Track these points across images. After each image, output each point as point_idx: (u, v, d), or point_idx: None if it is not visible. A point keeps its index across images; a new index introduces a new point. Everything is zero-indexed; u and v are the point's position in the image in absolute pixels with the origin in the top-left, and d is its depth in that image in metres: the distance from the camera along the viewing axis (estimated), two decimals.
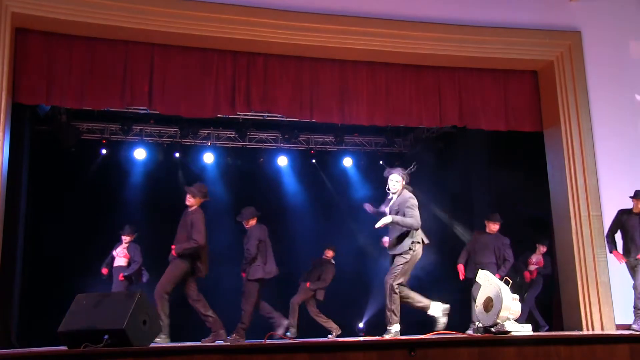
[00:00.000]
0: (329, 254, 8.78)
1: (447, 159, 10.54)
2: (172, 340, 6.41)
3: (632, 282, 6.90)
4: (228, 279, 8.39)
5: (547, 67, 8.23)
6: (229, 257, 8.29)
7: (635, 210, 6.95)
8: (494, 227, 7.72)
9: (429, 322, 7.02)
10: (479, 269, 6.57)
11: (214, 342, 6.45)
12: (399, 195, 6.03)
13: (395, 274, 5.84)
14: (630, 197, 7.05)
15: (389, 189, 6.10)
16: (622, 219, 6.98)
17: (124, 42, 7.31)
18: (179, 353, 4.15)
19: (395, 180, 6.05)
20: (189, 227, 6.61)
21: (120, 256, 8.24)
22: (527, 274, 8.60)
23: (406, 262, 5.85)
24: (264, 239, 7.23)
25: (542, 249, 8.70)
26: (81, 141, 9.80)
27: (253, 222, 7.29)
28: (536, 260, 8.68)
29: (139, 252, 8.31)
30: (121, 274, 8.15)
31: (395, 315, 5.83)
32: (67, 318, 4.64)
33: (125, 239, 8.30)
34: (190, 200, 6.76)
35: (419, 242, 5.92)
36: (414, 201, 5.95)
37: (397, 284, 5.82)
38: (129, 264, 8.24)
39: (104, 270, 8.25)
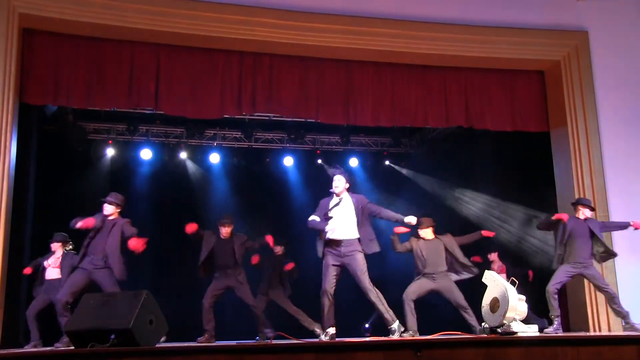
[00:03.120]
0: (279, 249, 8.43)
1: (453, 159, 10.53)
2: (178, 341, 6.43)
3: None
4: None
5: (554, 67, 8.21)
6: None
7: (578, 217, 6.71)
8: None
9: (436, 323, 7.03)
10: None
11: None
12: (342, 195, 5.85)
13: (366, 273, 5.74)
14: (572, 203, 6.92)
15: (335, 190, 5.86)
16: (570, 226, 6.65)
17: (130, 43, 7.33)
18: (185, 353, 4.15)
19: (339, 180, 5.86)
20: None
21: (54, 267, 7.32)
22: (530, 273, 8.55)
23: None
24: None
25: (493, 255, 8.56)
26: (88, 141, 9.83)
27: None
28: (498, 267, 8.54)
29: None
30: None
31: (389, 313, 5.77)
32: (74, 317, 4.66)
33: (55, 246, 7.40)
34: None
35: None
36: None
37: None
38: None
39: (28, 270, 7.35)
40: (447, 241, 6.87)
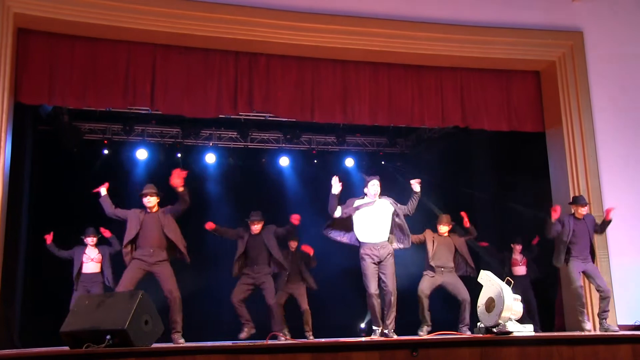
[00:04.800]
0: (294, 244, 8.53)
1: (449, 159, 10.54)
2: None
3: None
4: (228, 279, 8.37)
5: (549, 68, 8.23)
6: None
7: (577, 216, 6.84)
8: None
9: (431, 323, 7.05)
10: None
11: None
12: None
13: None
14: (570, 203, 6.99)
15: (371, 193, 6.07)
16: (571, 225, 6.76)
17: (126, 43, 7.32)
18: (180, 353, 4.15)
19: (377, 185, 6.09)
20: None
21: (96, 261, 7.63)
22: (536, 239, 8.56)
23: None
24: None
25: (518, 248, 8.62)
26: (83, 141, 9.80)
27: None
28: (521, 260, 8.58)
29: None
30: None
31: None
32: (69, 318, 4.65)
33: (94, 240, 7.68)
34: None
35: None
36: None
37: None
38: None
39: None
40: (459, 243, 7.33)
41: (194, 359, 4.10)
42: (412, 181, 6.13)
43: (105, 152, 9.91)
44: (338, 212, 5.98)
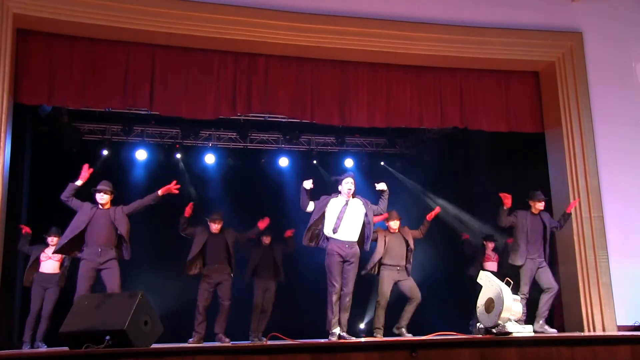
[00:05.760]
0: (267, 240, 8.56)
1: (448, 160, 10.54)
2: (174, 341, 6.42)
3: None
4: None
5: (549, 68, 8.23)
6: None
7: (534, 212, 6.89)
8: None
9: (430, 323, 7.05)
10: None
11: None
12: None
13: None
14: (526, 199, 7.02)
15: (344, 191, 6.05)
16: (523, 219, 6.83)
17: (125, 43, 7.31)
18: (180, 354, 4.15)
19: (352, 183, 6.07)
20: None
21: (55, 260, 7.46)
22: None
23: None
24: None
25: (490, 245, 8.64)
26: (83, 142, 9.80)
27: None
28: (493, 256, 8.59)
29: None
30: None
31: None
32: (69, 319, 4.65)
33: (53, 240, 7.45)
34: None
35: None
36: None
37: None
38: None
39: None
40: (406, 233, 7.26)
41: (194, 359, 4.10)
42: (377, 184, 6.17)
43: (105, 152, 9.91)
44: (310, 207, 6.04)
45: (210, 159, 10.36)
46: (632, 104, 8.12)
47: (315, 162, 10.85)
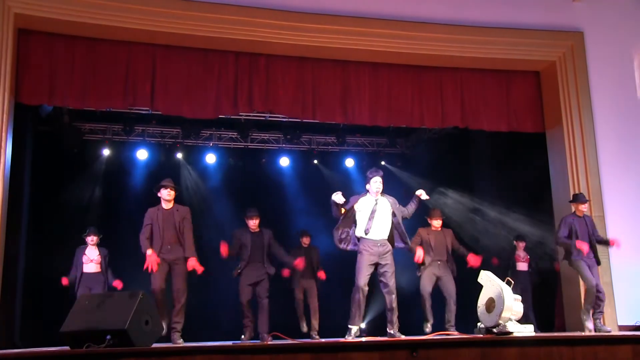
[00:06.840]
0: (307, 240, 8.65)
1: (449, 159, 10.53)
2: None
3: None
4: (227, 279, 8.37)
5: (550, 68, 8.23)
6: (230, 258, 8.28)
7: (578, 214, 6.90)
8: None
9: (432, 323, 7.06)
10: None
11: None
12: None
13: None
14: (570, 201, 7.09)
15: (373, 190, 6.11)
16: (570, 223, 6.86)
17: (126, 43, 7.32)
18: (180, 353, 4.15)
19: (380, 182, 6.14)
20: None
21: (96, 262, 7.65)
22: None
23: None
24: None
25: (521, 245, 8.64)
26: (83, 142, 9.81)
27: None
28: (523, 256, 8.60)
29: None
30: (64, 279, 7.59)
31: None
32: (70, 318, 4.65)
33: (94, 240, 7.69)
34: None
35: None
36: None
37: None
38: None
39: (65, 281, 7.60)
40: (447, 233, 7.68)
41: (194, 359, 4.10)
42: (418, 192, 6.25)
43: (106, 152, 9.92)
44: (338, 208, 6.07)
45: (211, 158, 10.36)
46: (633, 104, 8.11)
47: (316, 161, 10.86)
